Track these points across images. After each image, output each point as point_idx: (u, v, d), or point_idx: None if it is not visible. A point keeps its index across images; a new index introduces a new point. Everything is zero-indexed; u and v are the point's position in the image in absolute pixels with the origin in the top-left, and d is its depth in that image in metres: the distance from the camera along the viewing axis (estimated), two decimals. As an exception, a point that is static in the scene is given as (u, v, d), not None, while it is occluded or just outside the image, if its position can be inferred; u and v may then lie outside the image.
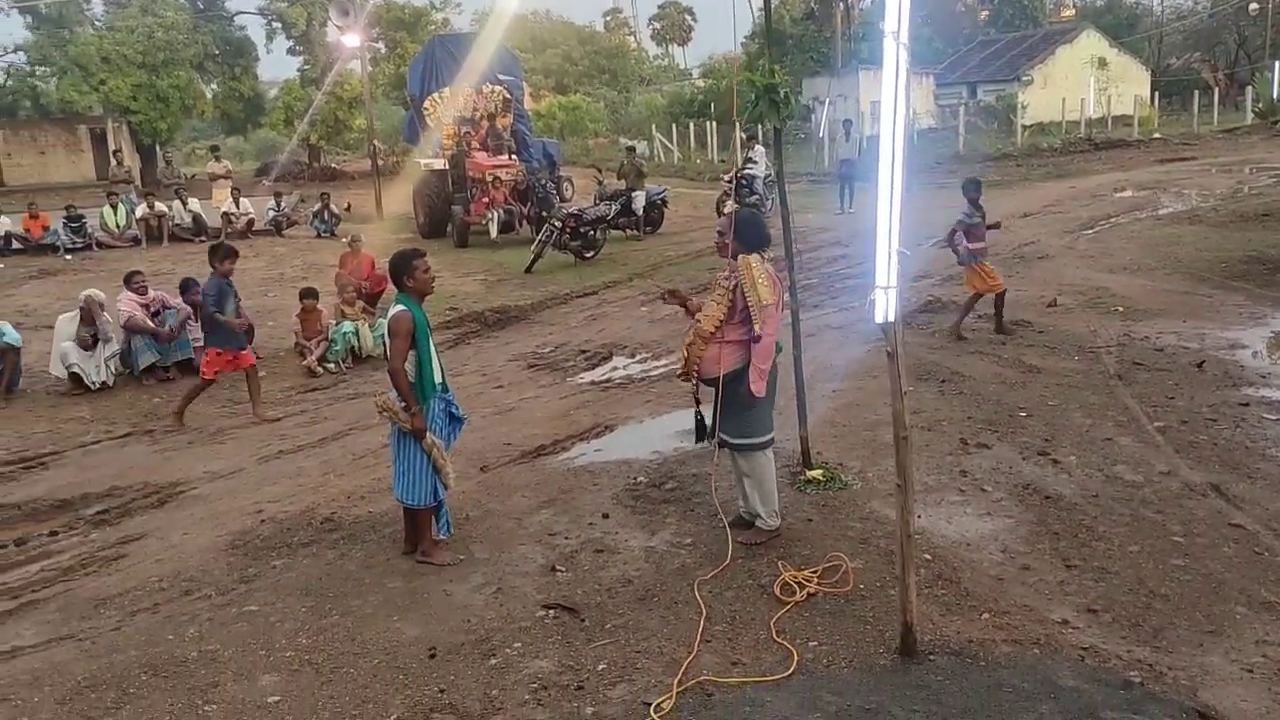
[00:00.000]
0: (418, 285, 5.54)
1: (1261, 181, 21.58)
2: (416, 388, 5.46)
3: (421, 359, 5.46)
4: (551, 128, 43.57)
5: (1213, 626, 4.57)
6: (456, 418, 5.77)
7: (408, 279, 5.52)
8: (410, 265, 5.52)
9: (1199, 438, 6.97)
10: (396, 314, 5.44)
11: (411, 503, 5.56)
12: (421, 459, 5.49)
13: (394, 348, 5.42)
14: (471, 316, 12.81)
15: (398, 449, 5.57)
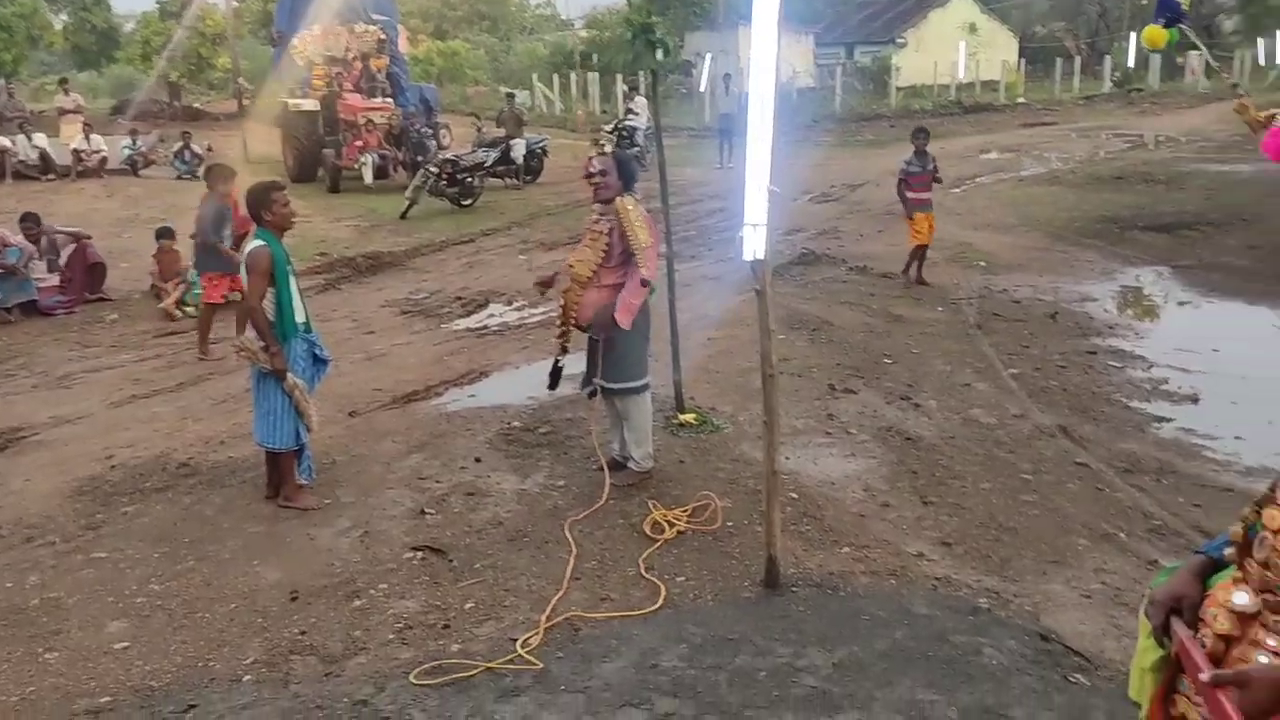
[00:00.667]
0: (276, 219, 5.32)
1: (1116, 146, 22.60)
2: (276, 327, 5.26)
3: (281, 297, 5.26)
4: (429, 74, 42.39)
5: (1056, 557, 4.82)
6: (321, 359, 5.60)
7: (265, 212, 5.29)
8: (268, 198, 5.30)
9: (1050, 383, 7.30)
10: (254, 249, 5.22)
11: (273, 446, 5.38)
12: (283, 401, 5.32)
13: (251, 285, 5.21)
14: (342, 262, 12.44)
15: (258, 391, 5.37)
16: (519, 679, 3.80)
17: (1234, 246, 12.06)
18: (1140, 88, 36.46)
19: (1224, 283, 10.46)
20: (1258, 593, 1.96)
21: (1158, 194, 15.55)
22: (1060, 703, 3.55)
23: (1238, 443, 6.25)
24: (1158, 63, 38.59)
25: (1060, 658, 3.87)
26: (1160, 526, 5.15)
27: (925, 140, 10.46)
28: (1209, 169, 17.84)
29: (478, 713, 3.59)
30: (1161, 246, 12.25)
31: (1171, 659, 2.09)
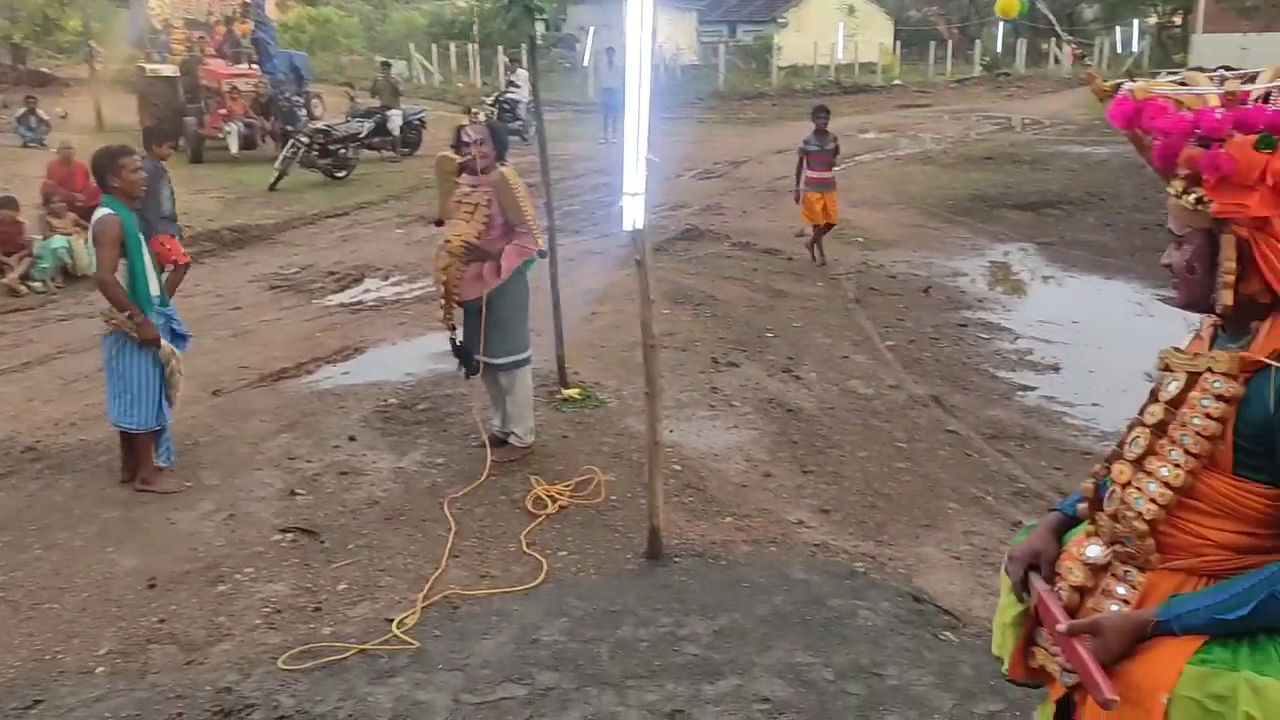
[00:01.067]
0: (125, 186, 5.01)
1: (986, 128, 23.35)
2: (129, 299, 4.98)
3: (134, 268, 4.96)
4: (300, 41, 40.86)
5: (928, 521, 4.93)
6: (179, 334, 5.32)
7: (113, 178, 4.98)
8: (115, 163, 4.98)
9: (923, 355, 7.49)
10: (101, 218, 4.91)
11: (130, 426, 5.09)
12: (140, 378, 5.03)
13: (101, 256, 4.90)
14: (206, 235, 11.90)
15: (112, 368, 5.07)
16: (394, 660, 3.68)
17: (1093, 224, 12.58)
18: (1008, 72, 37.74)
19: (1084, 258, 10.90)
20: (1108, 544, 2.04)
21: (1023, 174, 16.12)
22: (931, 659, 3.63)
23: (1095, 409, 6.51)
24: (1024, 48, 40.03)
25: (931, 617, 3.96)
26: (1024, 489, 5.32)
27: (826, 119, 10.20)
28: (1071, 150, 18.59)
29: (350, 695, 3.46)
30: (1027, 224, 12.70)
31: (1030, 613, 2.15)
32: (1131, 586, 1.99)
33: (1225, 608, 1.82)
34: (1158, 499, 1.93)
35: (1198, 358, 1.96)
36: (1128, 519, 1.97)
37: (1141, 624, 1.88)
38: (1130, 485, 1.99)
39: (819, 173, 10.06)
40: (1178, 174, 1.91)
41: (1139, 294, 9.52)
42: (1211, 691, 1.77)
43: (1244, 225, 1.83)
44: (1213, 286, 1.90)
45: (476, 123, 5.46)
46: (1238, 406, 1.86)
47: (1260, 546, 1.88)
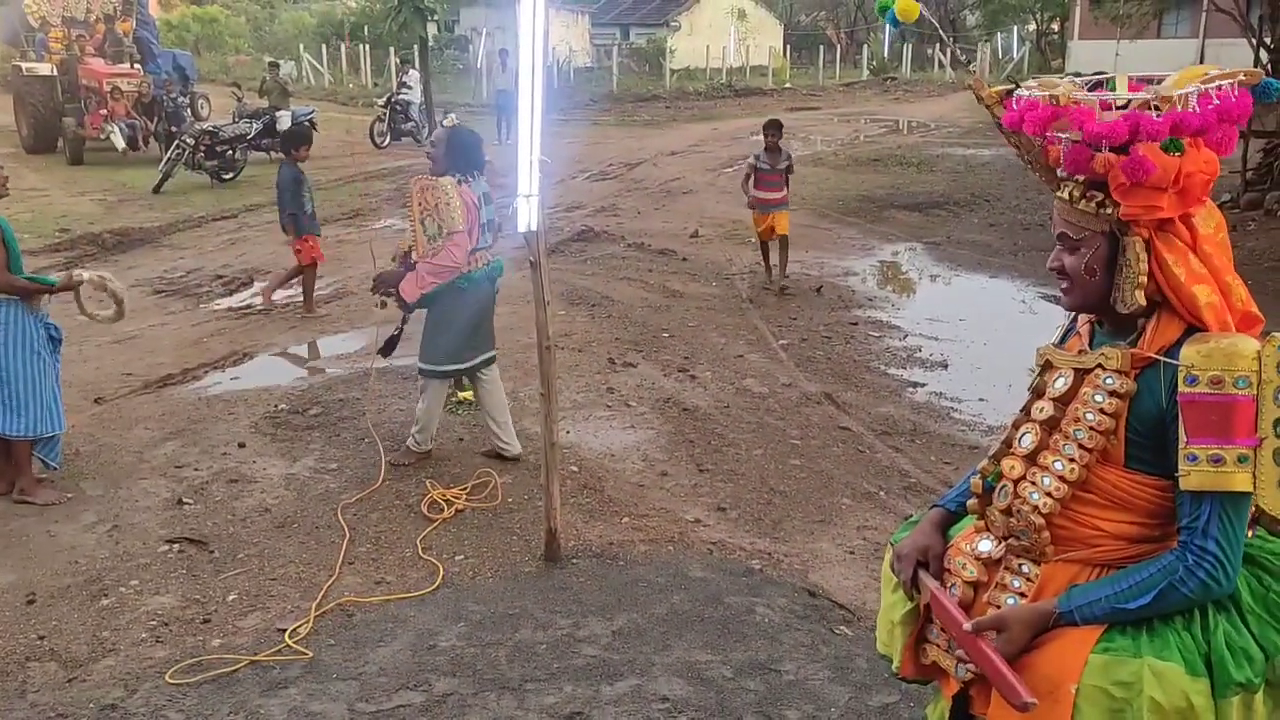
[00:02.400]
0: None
1: (874, 131, 23.95)
2: (15, 303, 4.80)
3: (13, 267, 4.77)
4: (185, 40, 39.71)
5: (822, 517, 5.04)
6: (54, 338, 5.12)
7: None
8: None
9: (816, 353, 7.65)
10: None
11: (15, 434, 4.88)
12: (27, 380, 4.82)
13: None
14: (86, 238, 11.46)
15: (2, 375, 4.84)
16: (287, 670, 3.62)
17: (977, 224, 13.03)
18: (894, 76, 38.80)
19: (969, 258, 11.28)
20: (1001, 539, 2.10)
21: (911, 175, 16.60)
22: (827, 654, 3.72)
23: (982, 404, 6.75)
24: (910, 53, 41.20)
25: (827, 612, 4.05)
26: (915, 484, 5.49)
27: (779, 135, 9.43)
28: (955, 153, 19.21)
29: (241, 709, 3.39)
30: (914, 224, 13.08)
31: (920, 610, 2.20)
32: (1027, 579, 2.04)
33: (1125, 597, 1.89)
34: (1053, 493, 1.99)
35: (1084, 355, 2.02)
36: (1023, 513, 2.02)
37: (1044, 615, 1.94)
38: (1024, 480, 2.04)
39: (768, 192, 9.33)
40: (1073, 178, 1.97)
41: (1022, 292, 9.89)
42: (1117, 679, 1.85)
43: (1146, 227, 1.90)
44: (1110, 288, 1.95)
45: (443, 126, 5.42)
46: (1129, 402, 1.93)
47: (1151, 536, 1.97)
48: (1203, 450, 1.83)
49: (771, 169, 9.33)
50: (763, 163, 9.32)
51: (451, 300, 5.23)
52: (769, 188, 9.33)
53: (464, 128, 5.44)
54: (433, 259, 5.08)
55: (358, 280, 9.70)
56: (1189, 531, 1.88)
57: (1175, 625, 1.89)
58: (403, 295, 5.22)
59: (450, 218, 5.01)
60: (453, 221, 5.01)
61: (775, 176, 9.36)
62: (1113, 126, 1.84)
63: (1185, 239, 1.92)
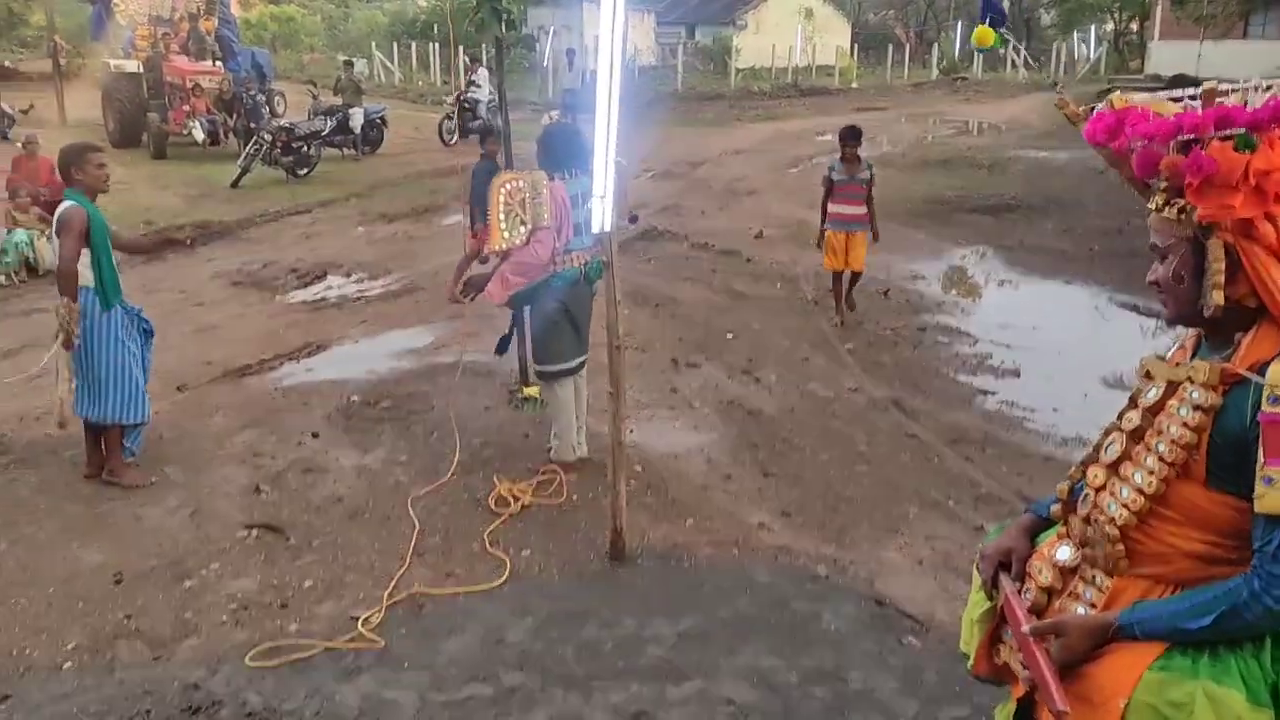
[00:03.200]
0: (89, 181, 4.99)
1: (943, 132, 23.65)
2: (98, 292, 4.95)
3: (100, 261, 4.94)
4: (262, 39, 40.53)
5: (890, 525, 5.02)
6: (147, 330, 5.30)
7: (77, 172, 4.96)
8: (82, 158, 4.97)
9: (883, 358, 7.60)
10: (66, 208, 4.89)
11: (95, 418, 5.06)
12: (109, 370, 5.01)
13: (64, 245, 4.88)
14: (170, 231, 11.77)
15: (81, 360, 5.03)
16: (360, 658, 3.71)
17: (1051, 229, 12.80)
18: (965, 76, 38.22)
19: (1042, 263, 11.09)
20: (1079, 547, 2.09)
21: (981, 178, 16.36)
22: (895, 665, 3.71)
23: (1055, 414, 6.64)
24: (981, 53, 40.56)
25: (894, 622, 4.04)
26: (986, 494, 5.43)
27: (857, 143, 8.37)
28: (1028, 155, 18.89)
29: (316, 693, 3.49)
30: (985, 228, 12.89)
31: (997, 611, 2.20)
32: (1099, 590, 2.03)
33: (1187, 616, 1.85)
34: (1130, 505, 1.97)
35: (1179, 367, 1.99)
36: (1100, 523, 2.01)
37: (1104, 626, 1.93)
38: (1104, 490, 2.03)
39: (846, 205, 8.32)
40: (1158, 187, 1.95)
41: (1098, 299, 9.71)
42: (1169, 699, 1.81)
43: (1229, 230, 1.87)
44: (1199, 294, 1.92)
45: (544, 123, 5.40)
46: (1214, 418, 1.89)
47: (1226, 558, 1.92)
48: None
49: (850, 179, 8.30)
50: (839, 174, 8.34)
51: (549, 299, 5.19)
52: (847, 200, 8.32)
53: (565, 124, 5.47)
54: (517, 256, 5.02)
55: (427, 275, 9.87)
56: (1260, 555, 1.83)
57: (1242, 652, 1.84)
58: (490, 296, 5.21)
59: (538, 213, 4.95)
60: (539, 217, 4.96)
61: (855, 188, 8.29)
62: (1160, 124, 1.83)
63: (1272, 241, 1.88)
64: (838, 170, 8.35)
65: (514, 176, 5.09)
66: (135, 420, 5.18)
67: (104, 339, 5.03)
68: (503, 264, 5.12)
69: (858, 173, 8.30)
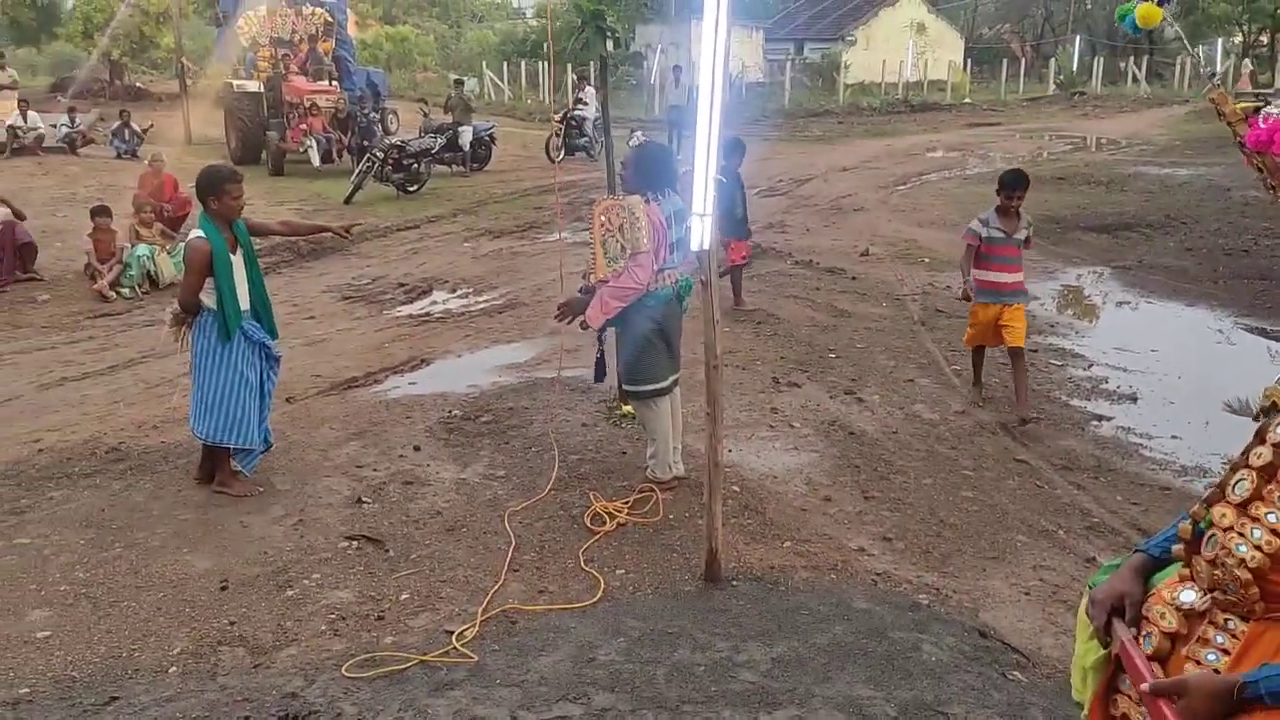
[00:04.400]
0: (223, 209, 5.13)
1: (1059, 148, 22.96)
2: (217, 319, 5.11)
3: (221, 288, 5.07)
4: (377, 58, 41.88)
5: (995, 553, 4.85)
6: (272, 356, 5.42)
7: (214, 200, 5.10)
8: (220, 186, 5.09)
9: (991, 380, 7.37)
10: (191, 242, 5.05)
11: (198, 433, 5.23)
12: (217, 390, 5.13)
13: (186, 282, 5.10)
14: (284, 246, 12.19)
15: (194, 376, 5.20)
16: (453, 672, 3.73)
17: (1172, 248, 12.29)
18: (1083, 91, 37.07)
19: (1162, 284, 10.65)
20: (1206, 591, 1.95)
21: (1099, 195, 15.81)
22: (999, 700, 3.56)
23: (1175, 442, 6.35)
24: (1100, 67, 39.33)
25: (999, 654, 3.88)
26: (1099, 524, 5.21)
27: (1021, 193, 6.57)
28: (1149, 172, 18.19)
29: (410, 706, 3.51)
30: (1102, 247, 12.45)
31: (1112, 658, 2.07)
32: (1232, 636, 1.90)
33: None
34: (1264, 547, 1.84)
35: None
36: (1229, 566, 1.87)
37: (1229, 687, 1.78)
38: (1233, 530, 1.90)
39: (1001, 272, 6.60)
40: None
41: (1222, 322, 9.27)
42: None
43: None
44: None
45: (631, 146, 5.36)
46: None
47: None
48: None
49: (1007, 238, 6.58)
50: (994, 229, 6.58)
51: (641, 319, 5.14)
52: (1002, 265, 6.59)
53: (652, 144, 5.43)
54: (616, 281, 5.01)
55: (530, 291, 9.99)
56: None
57: None
58: (589, 321, 5.19)
59: (635, 238, 4.93)
60: (638, 241, 4.93)
61: (1011, 250, 6.61)
62: None
63: None
64: (991, 225, 6.59)
65: (612, 203, 5.09)
66: (238, 443, 5.27)
67: (219, 364, 5.15)
68: (603, 288, 5.10)
69: (1016, 230, 6.61)
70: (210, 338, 5.15)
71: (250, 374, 5.25)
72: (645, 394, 5.30)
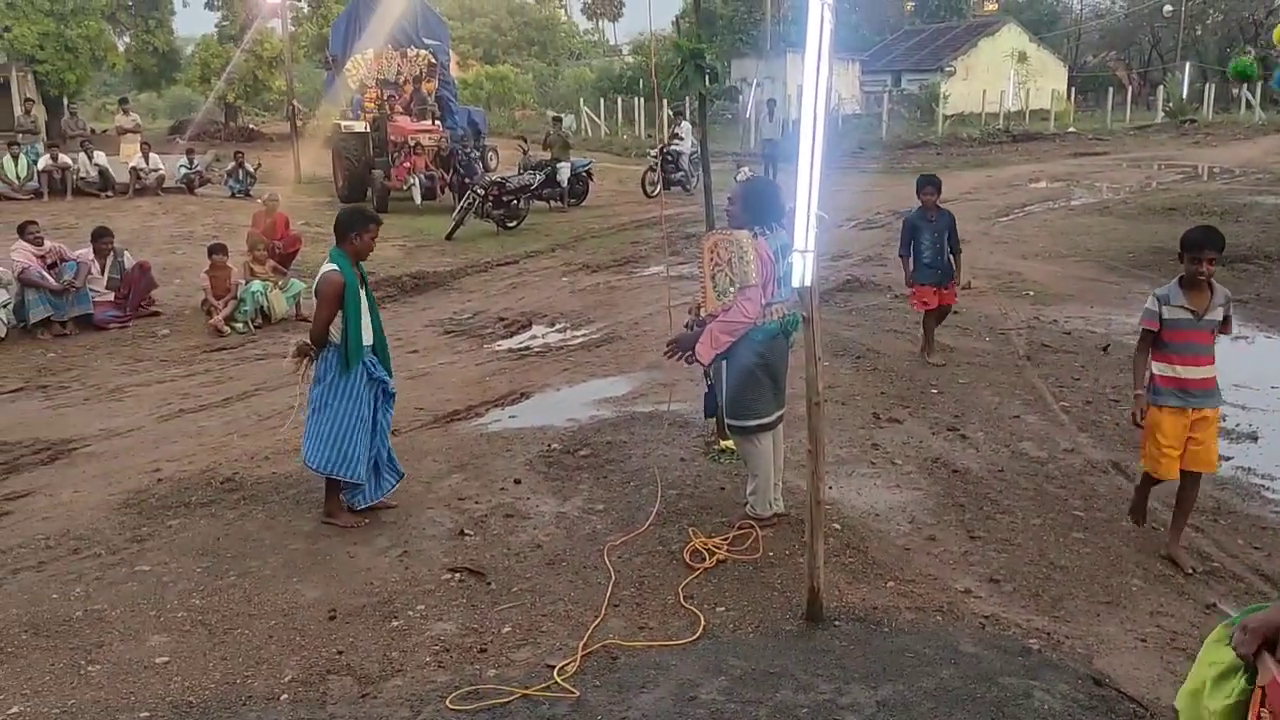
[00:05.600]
0: (361, 247, 5.34)
1: (1169, 177, 22.26)
2: (340, 352, 5.27)
3: (350, 320, 5.24)
4: (478, 97, 42.97)
5: (1109, 598, 4.67)
6: (388, 393, 5.56)
7: (355, 237, 5.30)
8: (364, 226, 5.32)
9: (1102, 417, 7.14)
10: (327, 274, 5.22)
11: (306, 459, 5.38)
12: (328, 426, 5.28)
13: (319, 312, 5.24)
14: (389, 281, 12.54)
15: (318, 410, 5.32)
16: (555, 707, 3.75)
17: (1292, 281, 11.77)
18: (1194, 119, 35.95)
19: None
20: None
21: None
22: (1113, 749, 3.42)
23: (1298, 483, 6.06)
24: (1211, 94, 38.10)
25: (1114, 703, 3.74)
26: (1218, 569, 4.99)
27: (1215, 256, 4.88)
28: (1265, 201, 17.49)
29: (513, 740, 3.54)
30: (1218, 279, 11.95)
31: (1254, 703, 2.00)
32: None
33: None
34: None
35: None
36: None
37: None
38: None
39: (1189, 366, 4.91)
40: None
41: (1346, 358, 8.84)
42: None
43: None
44: None
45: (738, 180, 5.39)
46: None
47: None
48: None
49: (1196, 319, 4.91)
50: (1177, 308, 4.93)
51: (747, 353, 5.12)
52: (1191, 355, 4.90)
53: (760, 179, 5.43)
54: (725, 316, 5.01)
55: (626, 326, 10.05)
56: None
57: None
58: (699, 357, 5.19)
59: (744, 272, 4.93)
60: (746, 276, 4.93)
61: (1201, 336, 4.93)
62: None
63: None
64: (1173, 301, 4.94)
65: (722, 237, 5.10)
66: (347, 477, 5.38)
67: (337, 395, 5.31)
68: (712, 323, 5.09)
69: (1209, 308, 4.93)
70: (334, 372, 5.30)
71: (365, 410, 5.38)
72: (749, 429, 5.26)
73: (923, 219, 8.29)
